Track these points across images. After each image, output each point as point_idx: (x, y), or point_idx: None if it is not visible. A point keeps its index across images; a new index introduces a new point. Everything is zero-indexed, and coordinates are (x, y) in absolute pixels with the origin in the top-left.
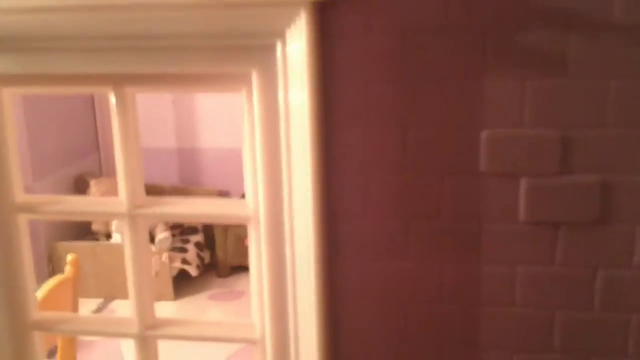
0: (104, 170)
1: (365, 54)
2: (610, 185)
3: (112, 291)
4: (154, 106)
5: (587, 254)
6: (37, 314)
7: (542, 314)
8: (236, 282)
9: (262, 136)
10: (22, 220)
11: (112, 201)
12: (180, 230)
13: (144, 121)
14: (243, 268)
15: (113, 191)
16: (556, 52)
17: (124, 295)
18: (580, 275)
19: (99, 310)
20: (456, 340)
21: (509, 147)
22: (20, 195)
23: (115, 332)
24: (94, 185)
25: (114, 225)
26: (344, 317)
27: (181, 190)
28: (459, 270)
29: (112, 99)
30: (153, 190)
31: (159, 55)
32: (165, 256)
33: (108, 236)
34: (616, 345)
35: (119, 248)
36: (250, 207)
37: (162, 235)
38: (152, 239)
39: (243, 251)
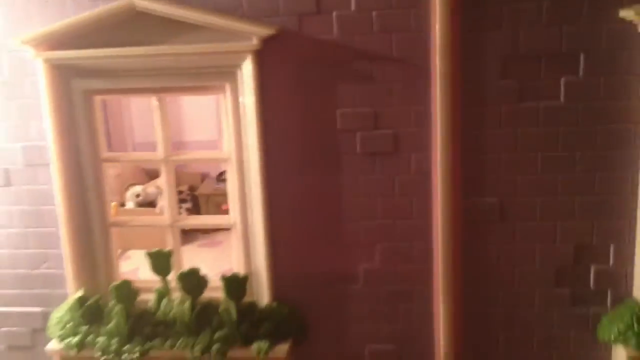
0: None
1: (282, 75)
2: (398, 135)
3: (127, 244)
4: (149, 110)
5: (390, 169)
6: (112, 219)
7: (372, 199)
8: (216, 236)
9: (232, 120)
10: (105, 168)
11: (154, 154)
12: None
13: (140, 122)
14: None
15: (124, 171)
16: (368, 72)
17: (135, 247)
18: (387, 179)
19: (119, 256)
20: (333, 216)
21: (349, 117)
22: (104, 153)
23: (157, 223)
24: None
25: (127, 195)
26: (275, 211)
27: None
28: (331, 180)
29: (155, 102)
30: (153, 172)
31: (179, 77)
32: None
33: (122, 205)
34: (405, 212)
35: (131, 211)
36: (226, 153)
37: (162, 203)
38: (154, 206)
39: (220, 215)
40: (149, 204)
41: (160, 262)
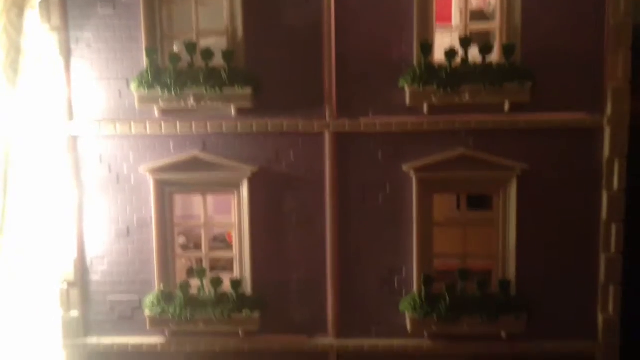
0: None
1: (261, 187)
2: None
3: None
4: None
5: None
6: (177, 252)
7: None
8: None
9: (236, 205)
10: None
11: (199, 221)
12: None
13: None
14: None
15: None
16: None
17: None
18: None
19: None
20: (283, 252)
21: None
22: (176, 220)
23: (197, 255)
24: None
25: None
26: (255, 250)
27: None
28: (283, 240)
29: (201, 197)
30: None
31: (214, 186)
32: None
33: None
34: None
35: None
36: (234, 222)
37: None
38: None
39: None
40: None
41: (201, 272)
